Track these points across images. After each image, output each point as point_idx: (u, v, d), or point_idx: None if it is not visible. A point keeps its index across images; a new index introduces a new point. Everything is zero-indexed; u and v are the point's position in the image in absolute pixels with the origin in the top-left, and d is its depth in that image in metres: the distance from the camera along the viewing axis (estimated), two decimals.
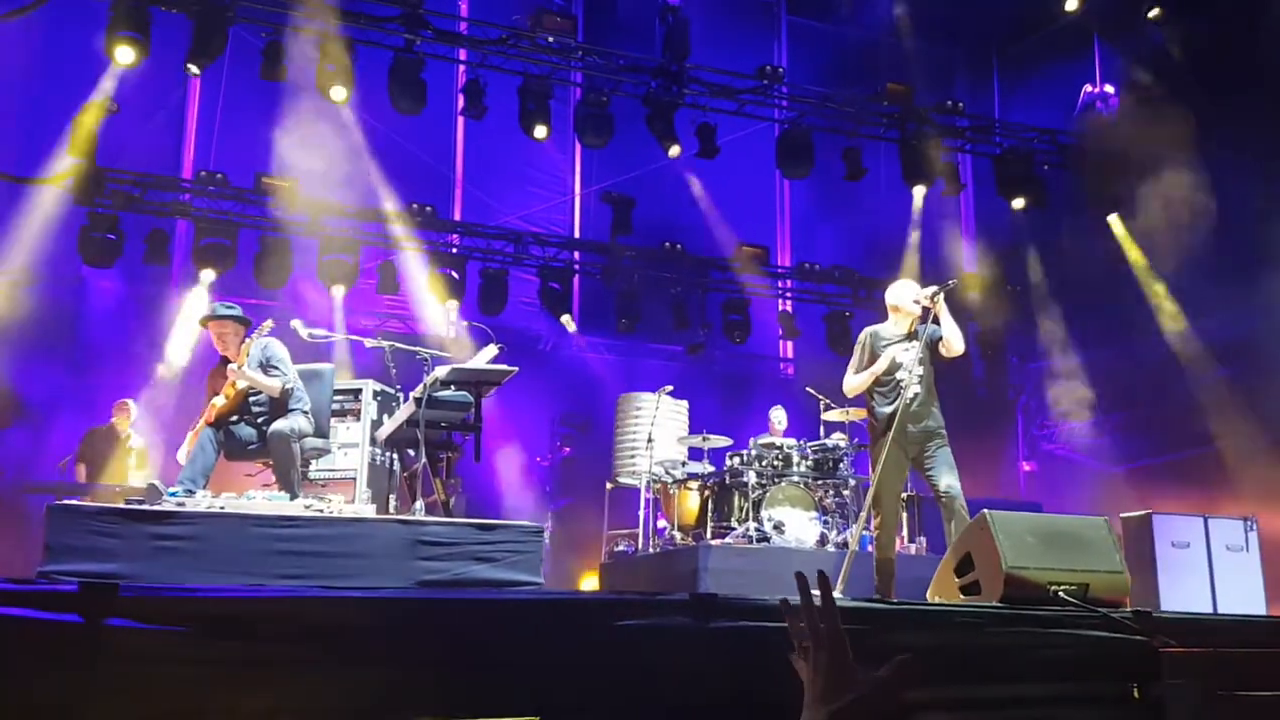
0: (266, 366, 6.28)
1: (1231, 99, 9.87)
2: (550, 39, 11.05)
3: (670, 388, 9.94)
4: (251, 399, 6.27)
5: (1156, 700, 3.34)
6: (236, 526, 4.73)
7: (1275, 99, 9.50)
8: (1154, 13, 11.31)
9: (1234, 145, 9.98)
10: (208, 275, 10.57)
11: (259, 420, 6.25)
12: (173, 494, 5.16)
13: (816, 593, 1.61)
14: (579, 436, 12.30)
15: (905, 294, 6.17)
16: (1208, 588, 7.87)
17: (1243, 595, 7.84)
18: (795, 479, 8.63)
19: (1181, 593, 7.64)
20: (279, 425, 6.10)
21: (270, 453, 6.12)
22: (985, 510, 4.44)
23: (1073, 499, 11.66)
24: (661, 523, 9.32)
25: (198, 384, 6.73)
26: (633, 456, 10.26)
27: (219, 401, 6.14)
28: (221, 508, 4.94)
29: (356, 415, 7.02)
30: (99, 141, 10.10)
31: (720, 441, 9.43)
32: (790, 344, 14.02)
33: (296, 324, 6.62)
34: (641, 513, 9.37)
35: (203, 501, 4.99)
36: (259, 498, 5.26)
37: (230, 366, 6.17)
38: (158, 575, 4.39)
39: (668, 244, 12.56)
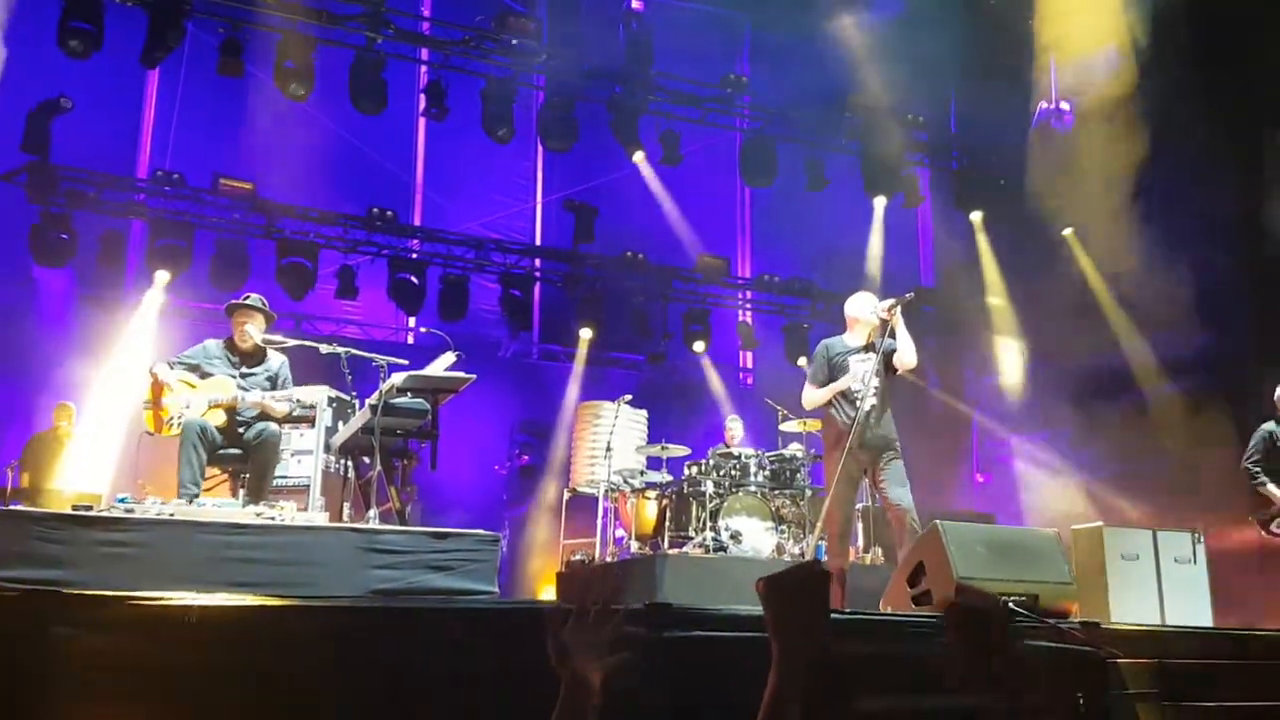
0: (280, 382, 6.45)
1: (1185, 115, 10.06)
2: (514, 41, 11.03)
3: (629, 397, 9.96)
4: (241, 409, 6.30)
5: (1103, 711, 3.38)
6: (185, 533, 4.66)
7: (1227, 116, 9.70)
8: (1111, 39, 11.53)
9: (1187, 160, 10.17)
10: (162, 277, 10.39)
11: (237, 427, 6.24)
12: (122, 499, 5.08)
13: None
14: (537, 444, 12.26)
15: (864, 306, 6.23)
16: (1156, 600, 7.99)
17: (1190, 607, 7.96)
18: (752, 489, 8.66)
19: (1130, 604, 7.75)
20: (274, 427, 6.19)
21: (256, 452, 6.13)
22: (937, 521, 4.49)
23: (1025, 511, 11.80)
24: (619, 531, 9.31)
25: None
26: (591, 465, 10.25)
27: (219, 417, 6.15)
28: (171, 514, 4.86)
29: (311, 422, 6.93)
30: (53, 139, 9.95)
31: (679, 451, 9.45)
32: (750, 354, 14.08)
33: (251, 328, 6.55)
34: (599, 521, 9.37)
35: (151, 508, 4.91)
36: (209, 504, 5.19)
37: (269, 397, 6.21)
38: (104, 582, 4.30)
39: (629, 253, 12.56)
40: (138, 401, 6.39)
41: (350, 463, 6.89)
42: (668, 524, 8.70)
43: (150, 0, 9.54)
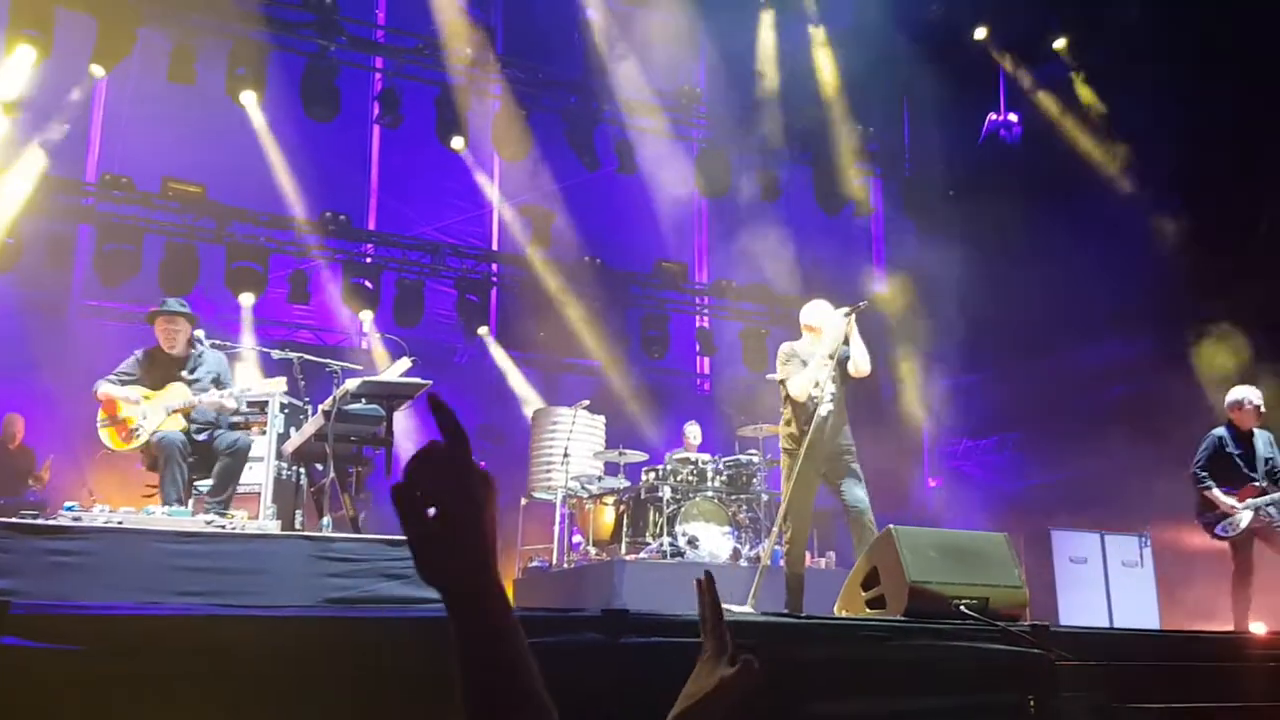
0: (223, 382, 6.39)
1: (1132, 124, 10.29)
2: (468, 49, 11.01)
3: (587, 402, 9.95)
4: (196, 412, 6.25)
5: (1052, 713, 3.43)
6: (135, 542, 4.58)
7: (1173, 118, 9.92)
8: (1059, 43, 11.75)
9: (1132, 164, 10.40)
10: (111, 281, 10.21)
11: (197, 433, 6.19)
12: (69, 508, 4.98)
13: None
14: (494, 450, 12.20)
15: (819, 314, 6.28)
16: (1104, 602, 8.14)
17: (1138, 609, 8.12)
18: (709, 494, 8.69)
19: (1079, 607, 7.89)
20: (246, 438, 6.18)
21: (230, 459, 6.08)
22: (890, 525, 4.53)
23: (976, 515, 11.95)
24: (576, 537, 9.30)
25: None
26: (548, 471, 10.21)
27: (179, 422, 6.09)
28: (119, 523, 4.79)
29: (262, 428, 6.86)
30: None
31: (636, 456, 9.46)
32: (707, 360, 14.14)
33: (200, 334, 6.47)
34: (556, 528, 9.35)
35: (100, 516, 4.83)
36: (158, 513, 5.11)
37: (224, 395, 6.17)
38: (52, 592, 4.22)
39: (587, 258, 12.57)
40: (93, 419, 6.29)
41: (303, 470, 6.81)
42: (625, 530, 8.70)
43: (101, 7, 9.39)
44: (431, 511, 1.15)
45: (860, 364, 6.09)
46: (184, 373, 6.37)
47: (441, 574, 1.14)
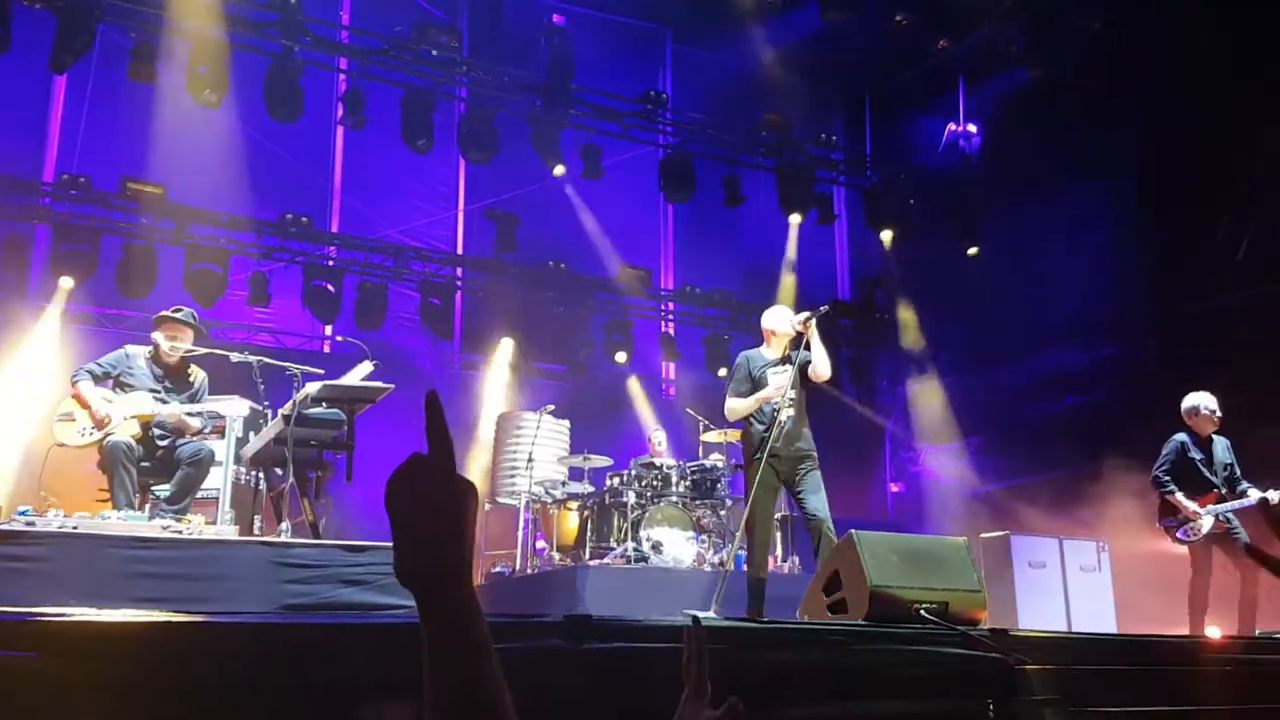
0: (199, 401, 6.38)
1: (1091, 129, 10.44)
2: (434, 51, 10.96)
3: (551, 407, 9.93)
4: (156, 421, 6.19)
5: (1011, 717, 3.46)
6: (90, 547, 4.51)
7: (1133, 130, 10.07)
8: (1021, 54, 11.91)
9: (1091, 175, 10.55)
10: (66, 283, 10.04)
11: (157, 440, 6.15)
12: (23, 512, 4.90)
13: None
14: (458, 455, 12.13)
15: (780, 319, 6.32)
16: (1062, 606, 8.22)
17: (1095, 614, 8.21)
18: (674, 499, 8.69)
19: (1038, 611, 7.96)
20: (209, 447, 6.18)
21: (190, 468, 6.04)
22: (852, 530, 4.56)
23: (937, 520, 12.05)
24: (540, 543, 9.27)
25: (52, 399, 6.40)
26: (512, 476, 10.19)
27: (133, 427, 6.05)
28: (74, 528, 4.71)
29: (220, 432, 6.78)
30: None
31: (601, 461, 9.45)
32: (671, 365, 14.16)
33: (158, 336, 6.39)
34: (520, 533, 9.32)
35: (54, 521, 4.75)
36: (114, 517, 5.03)
37: (184, 413, 6.17)
38: (6, 598, 4.15)
39: (551, 263, 12.55)
40: (52, 413, 6.21)
41: (262, 474, 6.74)
42: (589, 535, 8.69)
43: (60, 4, 9.24)
44: (416, 511, 1.17)
45: (821, 368, 6.12)
46: (167, 382, 6.33)
47: (421, 574, 1.14)
